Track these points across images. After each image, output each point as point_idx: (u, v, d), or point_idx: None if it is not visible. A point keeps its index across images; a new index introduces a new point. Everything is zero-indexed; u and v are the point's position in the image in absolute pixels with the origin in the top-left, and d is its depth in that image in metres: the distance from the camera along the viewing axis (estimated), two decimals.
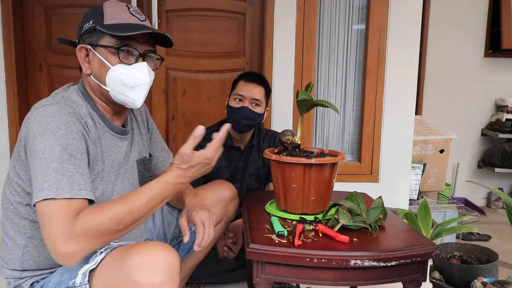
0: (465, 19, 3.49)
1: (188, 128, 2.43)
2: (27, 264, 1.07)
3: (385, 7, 2.32)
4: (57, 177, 0.90)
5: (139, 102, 1.10)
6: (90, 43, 1.07)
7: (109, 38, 1.05)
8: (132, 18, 1.08)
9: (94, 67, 1.08)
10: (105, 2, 1.10)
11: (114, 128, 1.14)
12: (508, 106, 3.50)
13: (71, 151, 0.95)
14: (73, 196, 0.90)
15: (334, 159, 1.25)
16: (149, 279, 0.86)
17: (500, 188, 3.70)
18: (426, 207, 1.53)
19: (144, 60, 1.09)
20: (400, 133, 2.42)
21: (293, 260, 1.03)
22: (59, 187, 0.90)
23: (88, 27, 1.08)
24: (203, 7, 2.35)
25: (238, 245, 1.74)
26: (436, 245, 1.09)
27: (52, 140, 0.93)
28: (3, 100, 2.27)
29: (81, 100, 1.07)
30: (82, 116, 1.03)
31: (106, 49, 1.05)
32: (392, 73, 2.37)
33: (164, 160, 1.40)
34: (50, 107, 0.98)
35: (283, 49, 2.30)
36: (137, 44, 1.07)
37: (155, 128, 1.39)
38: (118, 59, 1.05)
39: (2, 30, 2.22)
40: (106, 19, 1.06)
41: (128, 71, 1.06)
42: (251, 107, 1.77)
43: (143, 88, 1.09)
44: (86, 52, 1.09)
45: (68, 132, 0.96)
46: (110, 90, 1.07)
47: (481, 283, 1.39)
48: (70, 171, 0.93)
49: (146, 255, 0.88)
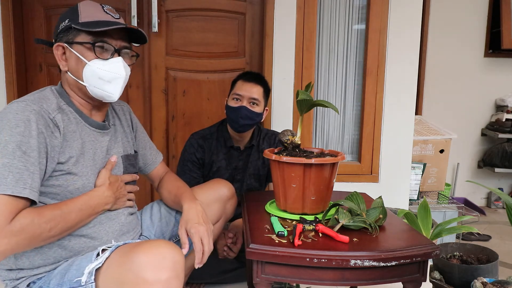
0: (465, 19, 3.49)
1: (188, 128, 2.43)
2: (21, 262, 1.07)
3: (385, 7, 2.32)
4: (3, 173, 0.93)
5: (116, 96, 1.14)
6: (66, 41, 1.11)
7: (85, 35, 1.09)
8: (106, 16, 1.13)
9: (71, 64, 1.12)
10: (80, 3, 1.15)
11: (93, 123, 1.17)
12: (508, 106, 3.50)
13: (25, 149, 0.97)
14: (14, 193, 0.92)
15: (334, 159, 1.25)
16: (156, 276, 0.88)
17: (500, 188, 3.70)
18: (426, 207, 1.53)
19: (119, 55, 1.14)
20: (400, 133, 2.41)
21: (293, 260, 1.03)
22: (2, 182, 0.92)
23: (64, 26, 1.11)
24: (203, 7, 2.35)
25: (238, 245, 1.74)
26: (436, 245, 1.09)
27: (8, 136, 0.96)
28: (3, 100, 2.27)
29: (53, 97, 1.10)
30: (50, 111, 1.05)
31: (82, 46, 1.10)
32: (392, 73, 2.37)
33: (154, 158, 1.45)
34: (16, 104, 1.01)
35: (283, 49, 2.30)
36: (112, 40, 1.12)
37: (140, 126, 1.42)
38: (94, 55, 1.10)
39: (2, 30, 2.22)
40: (81, 17, 1.10)
41: (105, 66, 1.10)
42: (249, 107, 1.76)
43: (119, 81, 1.13)
44: (63, 50, 1.13)
45: (26, 129, 0.98)
46: (88, 85, 1.11)
47: (481, 283, 1.39)
48: (18, 168, 0.94)
49: (153, 253, 0.90)
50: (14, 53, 2.25)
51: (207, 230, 1.19)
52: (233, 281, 1.81)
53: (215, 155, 1.86)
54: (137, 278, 0.88)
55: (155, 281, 0.87)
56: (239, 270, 1.80)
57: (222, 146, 1.87)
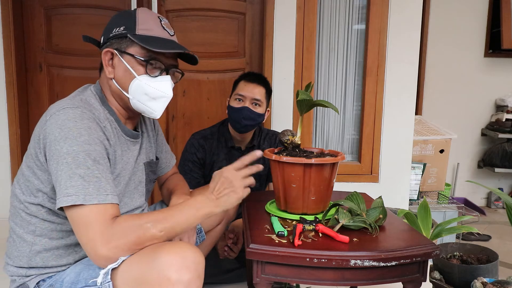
0: (465, 19, 3.49)
1: (188, 128, 2.43)
2: (34, 261, 1.07)
3: (385, 7, 2.32)
4: (83, 183, 0.93)
5: (158, 113, 1.13)
6: (117, 48, 1.08)
7: (139, 48, 1.06)
8: (163, 33, 1.10)
9: (118, 73, 1.09)
10: (138, 9, 1.11)
11: (128, 132, 1.15)
12: (508, 106, 3.50)
13: (94, 157, 0.96)
14: (100, 202, 0.93)
15: (334, 159, 1.25)
16: (179, 276, 0.89)
17: (500, 188, 3.70)
18: (426, 207, 1.53)
19: (167, 74, 1.11)
20: (400, 133, 2.42)
21: (293, 260, 1.03)
22: (86, 193, 0.92)
23: (119, 33, 1.08)
24: (203, 7, 2.35)
25: (238, 245, 1.74)
26: (436, 245, 1.09)
27: (76, 146, 0.95)
28: (3, 100, 2.28)
29: (98, 105, 1.08)
30: (101, 120, 1.05)
31: (134, 58, 1.07)
32: (392, 73, 2.37)
33: (168, 162, 1.42)
34: (71, 110, 0.98)
35: (283, 49, 2.31)
36: (164, 58, 1.10)
37: (161, 130, 1.40)
38: (144, 70, 1.07)
39: (2, 30, 2.23)
40: (139, 29, 1.07)
41: (153, 83, 1.08)
42: (252, 107, 1.77)
43: (165, 100, 1.12)
44: (111, 56, 1.09)
45: (90, 138, 0.97)
46: (131, 98, 1.09)
47: (481, 283, 1.39)
48: (96, 177, 0.95)
49: (176, 253, 0.91)
50: (14, 53, 2.25)
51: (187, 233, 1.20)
52: (233, 281, 1.81)
53: (216, 155, 1.86)
54: (160, 277, 0.88)
55: (178, 281, 0.88)
56: (239, 270, 1.80)
57: (223, 146, 1.87)
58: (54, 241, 1.07)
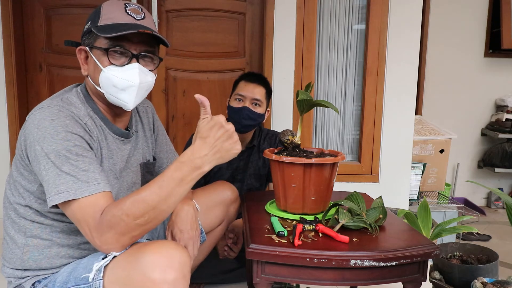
0: (465, 19, 3.49)
1: (188, 128, 2.43)
2: (27, 264, 1.07)
3: (385, 7, 2.32)
4: (72, 178, 0.92)
5: (130, 105, 1.07)
6: (87, 44, 1.07)
7: (102, 39, 1.03)
8: (126, 18, 1.04)
9: (90, 69, 1.08)
10: (104, 3, 1.08)
11: (116, 130, 1.13)
12: (508, 106, 3.50)
13: (76, 152, 0.95)
14: (91, 192, 0.92)
15: (334, 159, 1.25)
16: (163, 276, 0.88)
17: (500, 188, 3.70)
18: (426, 207, 1.53)
19: (138, 61, 1.05)
20: (400, 133, 2.42)
21: (293, 260, 1.03)
22: (76, 187, 0.92)
23: (86, 29, 1.07)
24: (203, 7, 2.35)
25: (238, 245, 1.73)
26: (436, 245, 1.09)
27: (55, 145, 0.94)
28: (3, 100, 2.28)
29: (80, 103, 1.07)
30: (81, 117, 1.03)
31: (99, 51, 1.04)
32: (392, 73, 2.37)
33: (169, 161, 1.38)
34: (47, 110, 0.98)
35: (283, 49, 2.30)
36: (131, 44, 1.04)
37: (162, 129, 1.36)
38: (108, 60, 1.03)
39: (2, 30, 2.23)
40: (101, 20, 1.04)
41: (119, 73, 1.03)
42: (252, 107, 1.76)
43: (133, 90, 1.05)
44: (85, 53, 1.09)
45: (67, 134, 0.96)
46: (104, 92, 1.06)
47: (481, 283, 1.39)
48: (83, 170, 0.94)
49: (161, 253, 0.90)
50: (14, 53, 2.25)
51: (192, 237, 1.17)
52: (233, 281, 1.81)
53: None
54: (144, 277, 0.88)
55: (162, 281, 0.87)
56: (239, 270, 1.80)
57: None
58: (45, 242, 1.06)
